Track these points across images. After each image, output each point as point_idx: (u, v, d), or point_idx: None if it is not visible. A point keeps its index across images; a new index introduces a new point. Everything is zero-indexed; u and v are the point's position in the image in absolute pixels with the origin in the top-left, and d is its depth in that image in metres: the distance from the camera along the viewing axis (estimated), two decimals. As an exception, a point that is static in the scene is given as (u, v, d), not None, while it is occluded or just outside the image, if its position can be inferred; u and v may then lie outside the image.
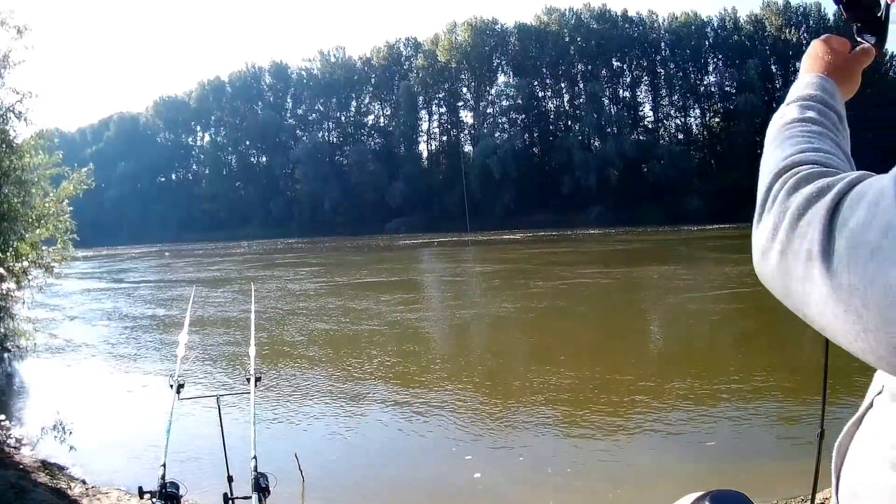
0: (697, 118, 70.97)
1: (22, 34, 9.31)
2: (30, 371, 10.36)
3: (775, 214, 0.64)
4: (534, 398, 7.41)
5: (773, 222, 0.65)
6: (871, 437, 0.67)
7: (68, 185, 10.76)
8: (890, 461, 0.61)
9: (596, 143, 66.17)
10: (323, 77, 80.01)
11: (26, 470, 5.27)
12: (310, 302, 16.48)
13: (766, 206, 0.67)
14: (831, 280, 0.54)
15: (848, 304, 0.53)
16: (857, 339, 0.54)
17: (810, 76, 0.86)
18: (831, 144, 0.75)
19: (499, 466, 5.54)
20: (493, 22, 73.12)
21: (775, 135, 0.78)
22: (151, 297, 19.83)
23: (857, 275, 0.52)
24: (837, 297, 0.54)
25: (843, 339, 0.56)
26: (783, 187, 0.66)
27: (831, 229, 0.56)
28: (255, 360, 3.12)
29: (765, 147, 0.79)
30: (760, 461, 5.30)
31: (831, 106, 0.81)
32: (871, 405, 0.69)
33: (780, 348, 9.47)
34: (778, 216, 0.64)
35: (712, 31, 69.00)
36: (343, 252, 38.48)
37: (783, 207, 0.64)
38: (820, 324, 0.58)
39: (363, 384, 8.58)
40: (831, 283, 0.54)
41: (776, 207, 0.65)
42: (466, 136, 75.79)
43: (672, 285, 16.82)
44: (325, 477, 5.45)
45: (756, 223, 0.68)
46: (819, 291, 0.56)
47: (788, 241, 0.61)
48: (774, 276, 0.64)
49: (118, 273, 30.04)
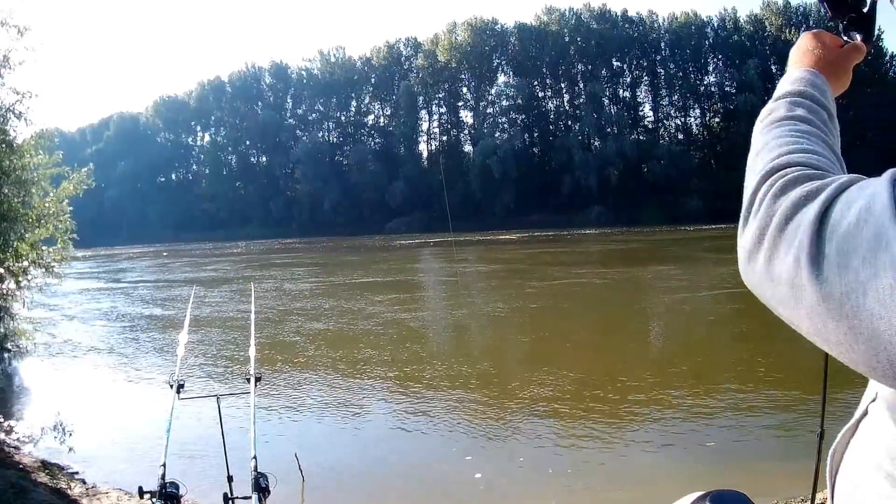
0: (697, 118, 71.10)
1: (22, 34, 9.30)
2: (30, 371, 10.36)
3: (761, 219, 0.62)
4: (533, 398, 7.40)
5: (758, 226, 0.62)
6: (865, 446, 0.66)
7: (68, 185, 10.74)
8: (885, 471, 0.59)
9: (596, 143, 66.19)
10: (323, 77, 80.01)
11: (26, 470, 5.27)
12: (306, 302, 16.48)
13: (753, 210, 0.64)
14: (821, 287, 0.53)
15: (839, 312, 0.51)
16: (849, 347, 0.52)
17: (800, 71, 0.82)
18: (821, 145, 0.72)
19: (499, 466, 5.53)
20: (493, 22, 73.19)
21: (762, 133, 0.75)
22: (150, 296, 19.83)
23: (848, 282, 0.50)
24: (828, 305, 0.52)
25: (834, 348, 0.55)
26: (770, 190, 0.63)
27: (820, 235, 0.54)
28: (254, 360, 3.12)
29: (751, 146, 0.75)
30: (760, 461, 5.30)
31: (821, 103, 0.78)
32: (865, 412, 0.68)
33: (780, 348, 9.46)
34: (764, 220, 0.61)
35: (712, 31, 69.03)
36: (339, 252, 38.47)
37: (770, 212, 0.61)
38: (809, 331, 0.56)
39: (363, 384, 8.58)
40: (821, 291, 0.53)
41: (762, 212, 0.62)
42: (466, 136, 75.90)
43: (671, 285, 16.81)
44: (325, 477, 5.45)
45: (741, 228, 0.65)
46: (809, 299, 0.54)
47: (775, 247, 0.59)
48: (762, 283, 0.61)
49: (117, 273, 30.05)
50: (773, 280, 0.59)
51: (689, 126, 71.18)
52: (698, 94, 69.16)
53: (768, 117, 0.77)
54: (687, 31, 68.76)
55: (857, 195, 0.54)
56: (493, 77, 74.48)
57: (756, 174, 0.68)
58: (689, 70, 69.24)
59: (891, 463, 0.59)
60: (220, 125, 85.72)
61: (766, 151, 0.71)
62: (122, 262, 37.73)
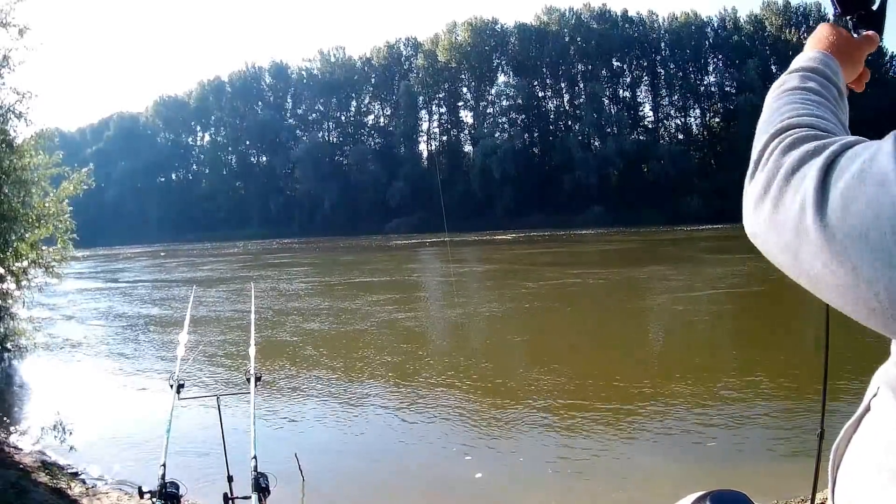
0: (697, 118, 71.11)
1: (22, 35, 9.30)
2: (30, 371, 10.36)
3: (769, 171, 0.65)
4: (533, 398, 7.40)
5: (766, 178, 0.65)
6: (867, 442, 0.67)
7: (68, 185, 10.74)
8: (888, 469, 0.60)
9: (596, 143, 66.20)
10: (323, 77, 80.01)
11: (26, 470, 5.27)
12: (303, 302, 16.48)
13: (761, 164, 0.68)
14: (825, 230, 0.55)
15: (843, 253, 0.54)
16: (850, 290, 0.54)
17: (814, 52, 0.86)
18: (829, 113, 0.76)
19: (499, 467, 5.53)
20: (493, 22, 73.21)
21: (774, 100, 0.79)
22: (150, 296, 19.83)
23: (851, 224, 0.53)
24: (831, 248, 0.55)
25: (835, 294, 0.57)
26: (779, 146, 0.67)
27: (825, 183, 0.57)
28: (254, 360, 3.12)
29: (763, 110, 0.79)
30: (760, 461, 5.30)
31: (833, 81, 0.81)
32: (868, 408, 0.69)
33: (780, 348, 9.47)
34: (772, 172, 0.65)
35: (712, 31, 69.05)
36: (337, 252, 38.47)
37: (777, 164, 0.65)
38: (811, 277, 0.59)
39: (363, 384, 8.59)
40: (825, 233, 0.55)
41: (770, 164, 0.66)
42: (466, 136, 75.90)
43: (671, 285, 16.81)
44: (325, 477, 5.45)
45: (749, 180, 0.69)
46: (812, 242, 0.57)
47: (781, 195, 0.62)
48: (766, 230, 0.64)
49: (117, 273, 30.05)
50: (778, 227, 0.62)
51: (689, 126, 71.30)
52: (698, 94, 69.19)
53: (781, 87, 0.81)
54: (687, 31, 68.79)
55: (861, 150, 0.57)
56: (493, 77, 74.52)
57: (765, 133, 0.71)
58: (689, 70, 69.26)
59: (893, 458, 0.60)
60: (220, 125, 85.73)
61: (776, 115, 0.74)
62: (122, 262, 37.73)
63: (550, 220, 55.39)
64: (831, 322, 1.34)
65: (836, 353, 1.38)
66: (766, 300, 14.33)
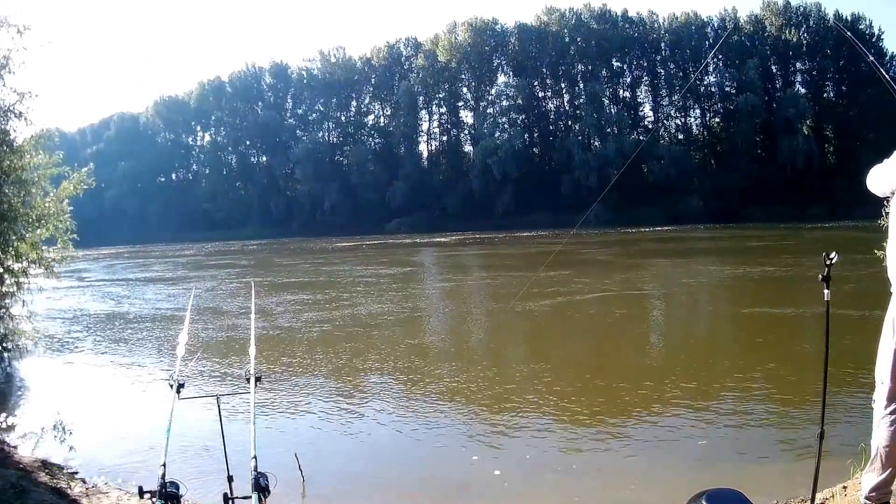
0: (697, 118, 71.06)
1: (23, 34, 9.27)
2: (30, 371, 10.35)
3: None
4: (533, 398, 7.40)
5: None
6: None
7: (68, 185, 10.71)
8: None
9: (596, 143, 66.13)
10: (323, 77, 79.92)
11: (26, 470, 5.26)
12: (303, 301, 16.47)
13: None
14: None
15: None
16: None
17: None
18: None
19: (500, 467, 5.52)
20: (493, 22, 73.11)
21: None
22: (149, 296, 19.82)
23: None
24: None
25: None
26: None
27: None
28: (254, 360, 3.12)
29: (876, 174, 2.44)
30: (760, 461, 5.29)
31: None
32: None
33: (779, 348, 9.47)
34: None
35: (712, 31, 68.96)
36: (335, 252, 38.46)
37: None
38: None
39: (363, 384, 8.58)
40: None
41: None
42: (466, 136, 75.86)
43: (670, 285, 16.81)
44: (325, 477, 5.45)
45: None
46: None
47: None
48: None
49: (117, 272, 30.04)
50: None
51: (689, 126, 71.26)
52: (698, 94, 69.06)
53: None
54: (687, 31, 68.73)
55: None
56: (493, 77, 74.45)
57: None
58: (689, 70, 69.03)
59: None
60: (220, 125, 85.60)
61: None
62: (122, 262, 37.71)
63: (551, 220, 55.25)
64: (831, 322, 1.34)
65: (836, 353, 1.38)
66: (765, 300, 14.33)
